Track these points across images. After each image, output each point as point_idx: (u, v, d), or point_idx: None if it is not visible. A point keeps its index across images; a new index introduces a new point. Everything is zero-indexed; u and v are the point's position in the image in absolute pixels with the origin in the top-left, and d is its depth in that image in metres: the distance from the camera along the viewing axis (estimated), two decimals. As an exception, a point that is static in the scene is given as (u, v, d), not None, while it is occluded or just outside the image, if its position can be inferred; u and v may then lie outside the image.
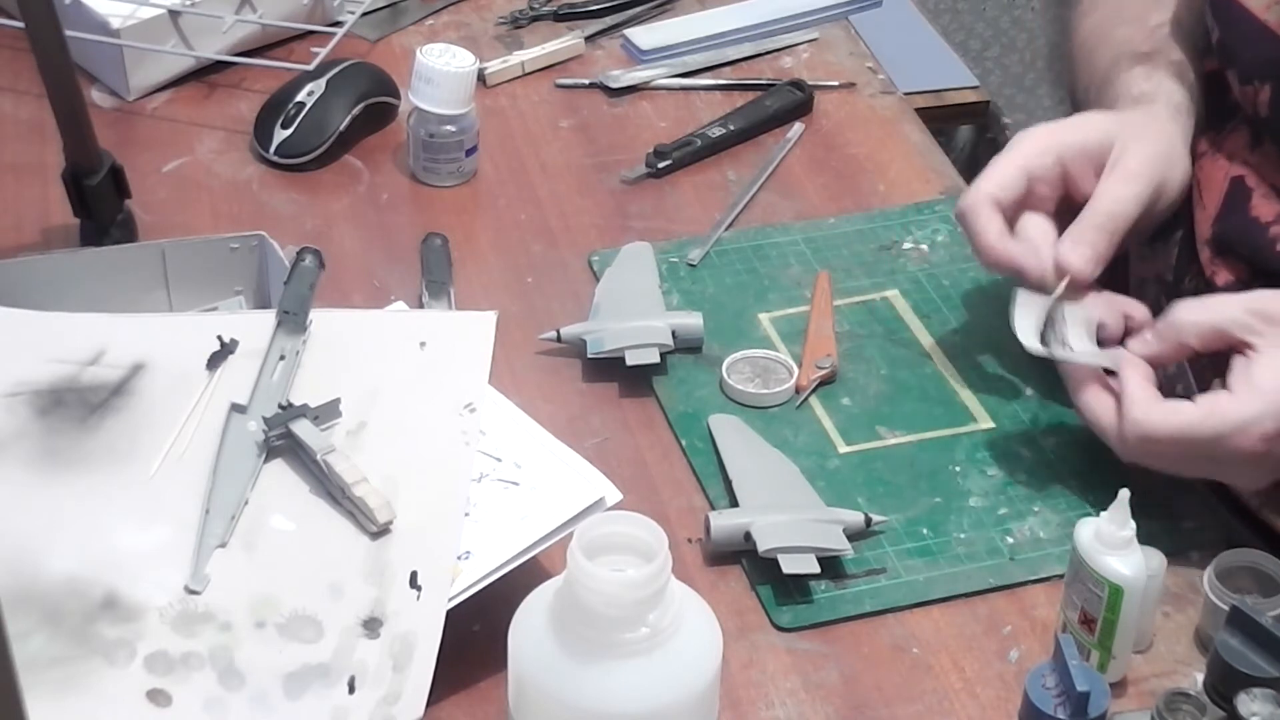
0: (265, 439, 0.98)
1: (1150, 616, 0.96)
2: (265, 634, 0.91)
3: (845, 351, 1.17)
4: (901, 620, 1.00)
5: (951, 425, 1.12)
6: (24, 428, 0.99)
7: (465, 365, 1.04)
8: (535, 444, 1.00)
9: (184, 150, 1.34)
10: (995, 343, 1.18)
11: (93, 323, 1.05)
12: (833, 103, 1.43)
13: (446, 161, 1.31)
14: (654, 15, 1.52)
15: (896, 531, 1.04)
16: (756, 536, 1.00)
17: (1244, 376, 0.99)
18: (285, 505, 0.97)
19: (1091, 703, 0.83)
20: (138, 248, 1.18)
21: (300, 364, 1.03)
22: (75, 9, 1.34)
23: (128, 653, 0.89)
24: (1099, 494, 1.07)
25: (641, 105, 1.42)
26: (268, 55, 1.43)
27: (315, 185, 1.32)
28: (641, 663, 0.79)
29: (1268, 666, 0.84)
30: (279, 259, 1.12)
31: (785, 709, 0.95)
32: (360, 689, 0.89)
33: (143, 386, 1.02)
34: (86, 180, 1.19)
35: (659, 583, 0.79)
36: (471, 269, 1.23)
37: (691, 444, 1.10)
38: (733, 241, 1.27)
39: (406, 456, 0.99)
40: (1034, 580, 1.02)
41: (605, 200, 1.31)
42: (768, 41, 1.50)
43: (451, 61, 1.28)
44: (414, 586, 0.92)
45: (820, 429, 1.12)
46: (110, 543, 0.94)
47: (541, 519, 0.95)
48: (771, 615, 0.99)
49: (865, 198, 1.33)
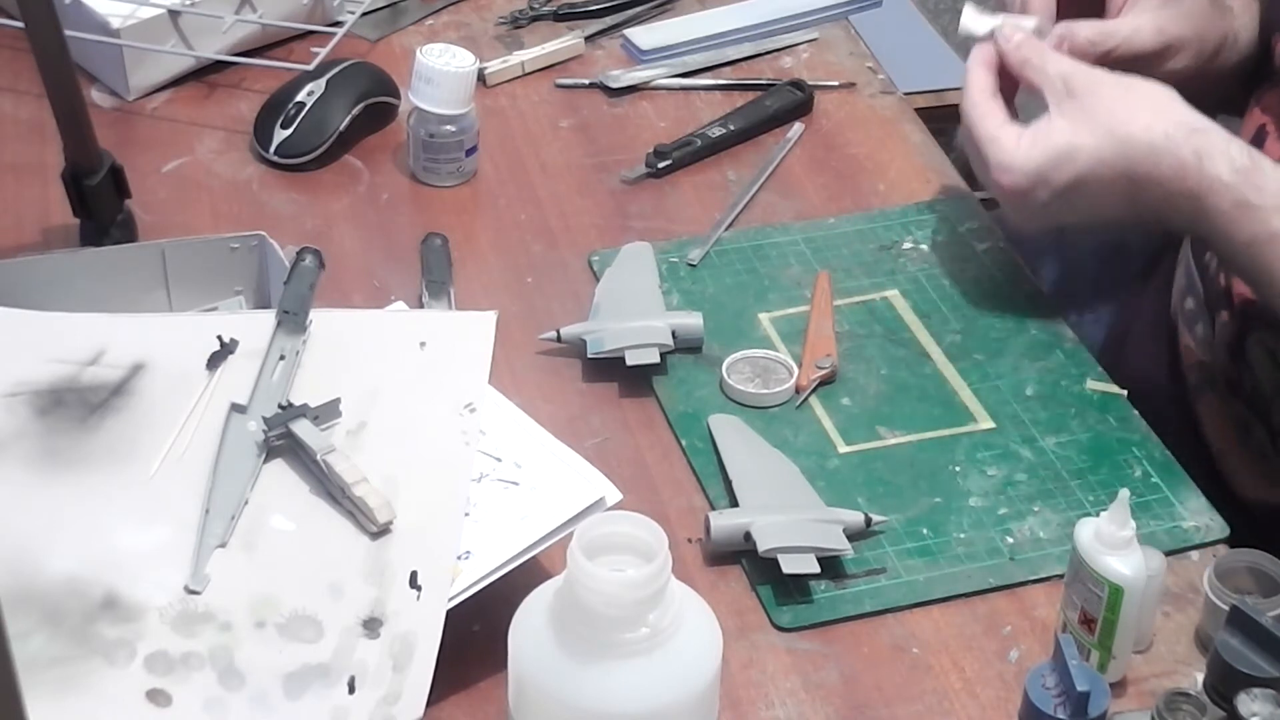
0: (265, 439, 0.98)
1: (1150, 616, 0.96)
2: (265, 634, 0.91)
3: (845, 351, 1.17)
4: (901, 620, 1.00)
5: (951, 425, 1.12)
6: (24, 428, 0.99)
7: (465, 365, 1.04)
8: (535, 444, 1.00)
9: (184, 150, 1.34)
10: (995, 343, 1.18)
11: (93, 323, 1.05)
12: (833, 103, 1.43)
13: (446, 161, 1.31)
14: (654, 15, 1.52)
15: (896, 531, 1.04)
16: (756, 536, 1.00)
17: (1037, 127, 1.12)
18: (285, 505, 0.97)
19: (1091, 703, 0.83)
20: (137, 248, 1.18)
21: (300, 364, 1.03)
22: (75, 9, 1.34)
23: (128, 653, 0.89)
24: (1099, 494, 1.07)
25: (641, 105, 1.42)
26: (268, 55, 1.43)
27: (315, 185, 1.32)
28: (641, 663, 0.79)
29: (1268, 666, 0.84)
30: (279, 259, 1.12)
31: (785, 709, 0.95)
32: (360, 689, 0.89)
33: (143, 386, 1.02)
34: (86, 180, 1.19)
35: (659, 583, 0.79)
36: (471, 269, 1.23)
37: (691, 444, 1.10)
38: (733, 241, 1.27)
39: (406, 456, 0.99)
40: (1034, 580, 1.02)
41: (605, 200, 1.31)
42: (768, 41, 1.50)
43: (451, 61, 1.28)
44: (414, 586, 0.92)
45: (820, 429, 1.12)
46: (110, 543, 0.94)
47: (541, 519, 0.95)
48: (771, 615, 0.99)
49: (865, 198, 1.33)
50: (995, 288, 1.23)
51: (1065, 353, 1.18)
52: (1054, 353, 1.18)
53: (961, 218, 1.29)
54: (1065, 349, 1.18)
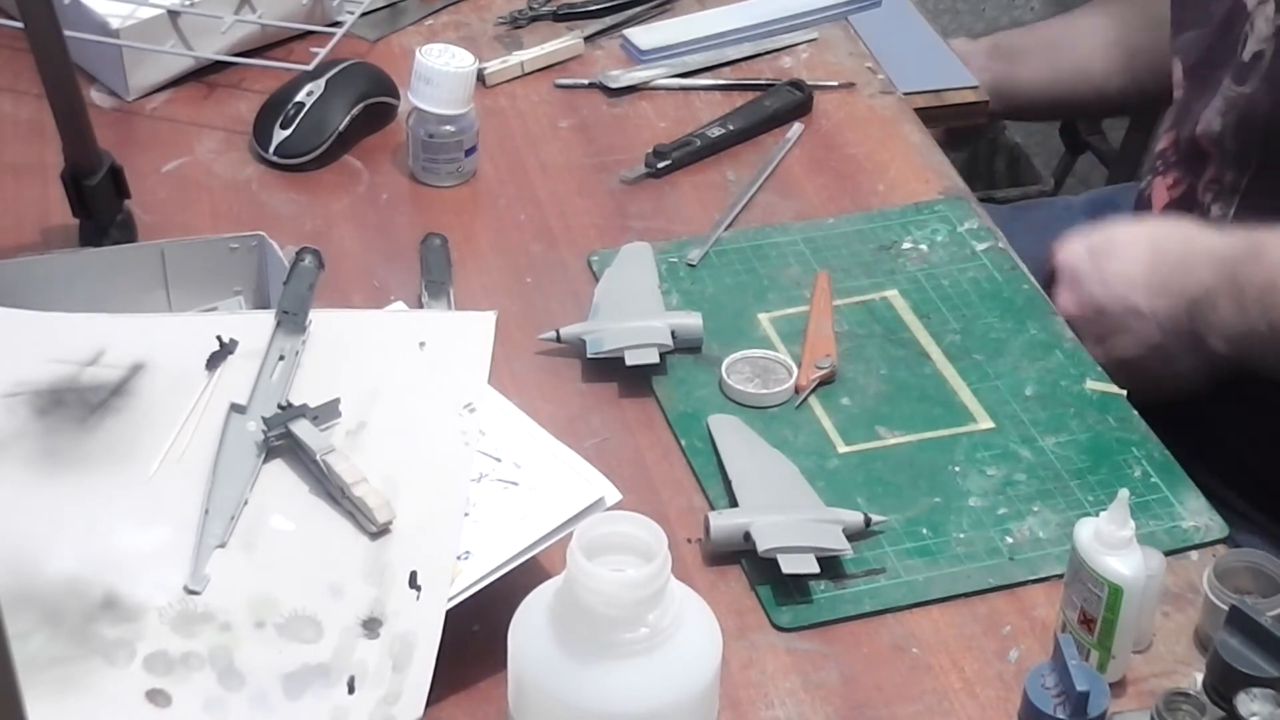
0: (265, 439, 0.98)
1: (1150, 616, 0.96)
2: (265, 634, 0.90)
3: (845, 351, 1.17)
4: (901, 620, 1.00)
5: (951, 425, 1.12)
6: (24, 428, 0.99)
7: (465, 365, 1.04)
8: (535, 444, 1.00)
9: (183, 150, 1.34)
10: (995, 343, 1.18)
11: (92, 323, 1.05)
12: (832, 103, 1.43)
13: (446, 161, 1.31)
14: (654, 15, 1.52)
15: (896, 531, 1.04)
16: (756, 536, 1.00)
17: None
18: (285, 505, 0.97)
19: (1091, 702, 0.83)
20: (137, 248, 1.18)
21: (300, 364, 1.03)
22: (75, 9, 1.34)
23: (127, 653, 0.89)
24: (1098, 494, 1.07)
25: (641, 105, 1.42)
26: (267, 55, 1.43)
27: (315, 185, 1.32)
28: (641, 663, 0.79)
29: (1267, 666, 0.84)
30: (278, 259, 1.12)
31: (785, 709, 0.95)
32: (360, 689, 0.89)
33: (142, 386, 1.02)
34: (86, 180, 1.19)
35: (659, 583, 0.79)
36: (471, 269, 1.23)
37: (691, 444, 1.10)
38: (732, 241, 1.27)
39: (406, 456, 0.99)
40: (1034, 580, 1.02)
41: (605, 200, 1.31)
42: (767, 41, 1.50)
43: (451, 61, 1.28)
44: (414, 586, 0.92)
45: (820, 429, 1.12)
46: (110, 543, 0.94)
47: (541, 519, 0.95)
48: (771, 615, 0.99)
49: (865, 198, 1.33)
50: (995, 288, 1.23)
51: (1065, 353, 1.18)
52: (1054, 353, 1.18)
53: (961, 218, 1.30)
54: (1065, 349, 1.18)
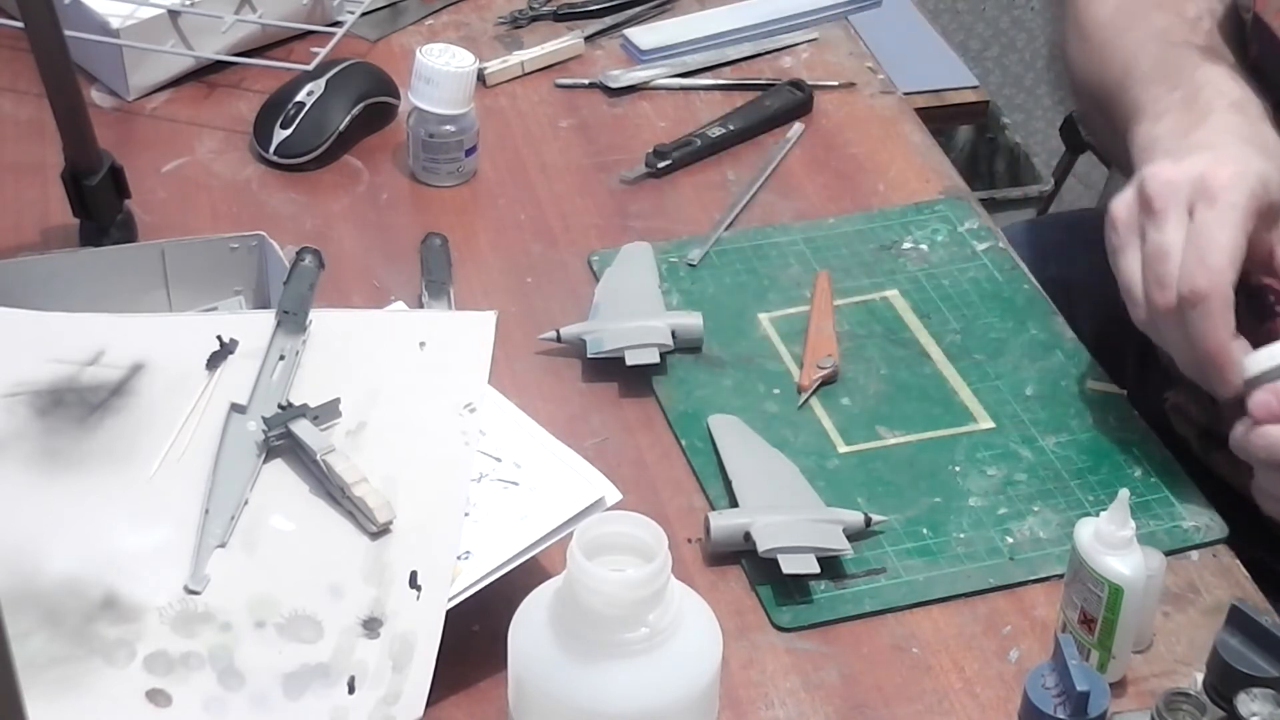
0: (265, 439, 0.98)
1: (1150, 616, 0.96)
2: (265, 634, 0.91)
3: (845, 351, 1.17)
4: (901, 620, 1.00)
5: (951, 425, 1.12)
6: (24, 428, 0.99)
7: (465, 365, 1.04)
8: (535, 444, 1.00)
9: (184, 150, 1.34)
10: (995, 343, 1.18)
11: (92, 323, 1.05)
12: (832, 103, 1.43)
13: (446, 161, 1.31)
14: (654, 15, 1.52)
15: (896, 531, 1.04)
16: (756, 536, 1.00)
17: None
18: (285, 505, 0.97)
19: (1091, 703, 0.83)
20: (137, 248, 1.18)
21: (300, 364, 1.03)
22: (75, 9, 1.34)
23: (127, 653, 0.89)
24: (1099, 494, 1.07)
25: (641, 105, 1.42)
26: (267, 55, 1.43)
27: (315, 185, 1.32)
28: (641, 663, 0.79)
29: (1267, 666, 0.84)
30: (279, 259, 1.12)
31: (785, 709, 0.95)
32: (360, 689, 0.89)
33: (142, 386, 1.02)
34: (86, 180, 1.19)
35: (659, 583, 0.79)
36: (471, 269, 1.23)
37: (691, 444, 1.10)
38: (732, 241, 1.27)
39: (406, 456, 0.99)
40: (1034, 580, 1.02)
41: (605, 200, 1.31)
42: (767, 41, 1.50)
43: (451, 61, 1.28)
44: (414, 586, 0.92)
45: (820, 429, 1.12)
46: (110, 543, 0.94)
47: (541, 519, 0.95)
48: (771, 615, 0.99)
49: (865, 198, 1.33)
50: (995, 288, 1.23)
51: (1065, 353, 1.18)
52: (1054, 353, 1.18)
53: (961, 218, 1.30)
54: (1065, 349, 1.18)
